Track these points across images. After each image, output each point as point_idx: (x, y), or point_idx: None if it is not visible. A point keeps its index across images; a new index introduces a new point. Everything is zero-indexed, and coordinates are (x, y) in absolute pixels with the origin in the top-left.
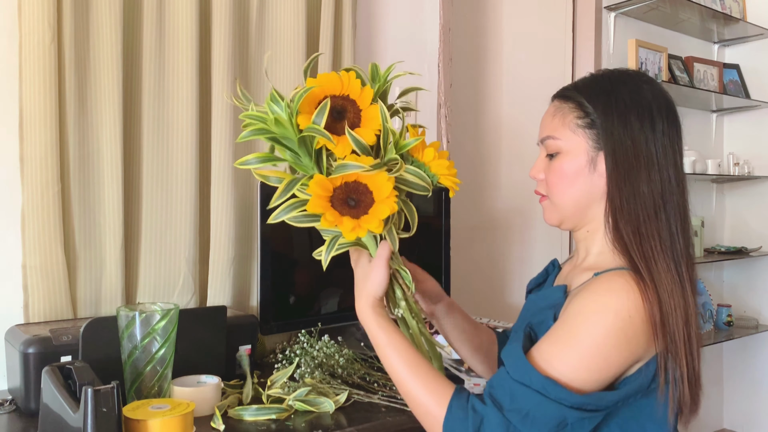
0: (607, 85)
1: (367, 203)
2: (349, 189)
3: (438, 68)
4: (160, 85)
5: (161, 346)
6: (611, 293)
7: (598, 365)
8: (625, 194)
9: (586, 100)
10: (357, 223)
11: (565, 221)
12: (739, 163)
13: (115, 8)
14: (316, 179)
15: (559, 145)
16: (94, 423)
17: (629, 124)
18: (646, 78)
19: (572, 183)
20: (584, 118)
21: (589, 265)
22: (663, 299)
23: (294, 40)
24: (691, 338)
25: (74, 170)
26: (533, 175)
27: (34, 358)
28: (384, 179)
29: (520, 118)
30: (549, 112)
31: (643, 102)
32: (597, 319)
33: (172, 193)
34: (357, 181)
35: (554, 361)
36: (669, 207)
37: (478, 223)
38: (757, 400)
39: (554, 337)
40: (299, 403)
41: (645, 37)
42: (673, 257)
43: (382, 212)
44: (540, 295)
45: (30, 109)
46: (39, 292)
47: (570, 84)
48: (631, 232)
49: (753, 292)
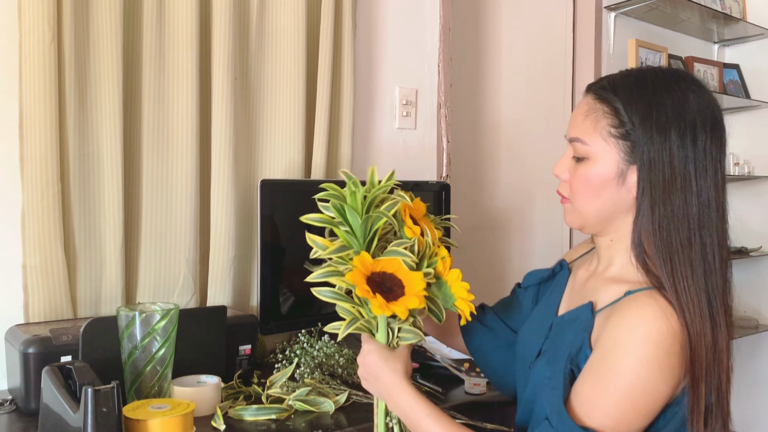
0: (649, 92)
1: (398, 293)
2: (385, 278)
3: (438, 68)
4: (160, 85)
5: (161, 346)
6: (647, 320)
7: (645, 400)
8: (656, 218)
9: (624, 107)
10: (385, 304)
11: (586, 227)
12: (739, 163)
13: (115, 8)
14: (362, 255)
15: (588, 151)
16: (94, 423)
17: (668, 140)
18: (693, 84)
19: (597, 193)
20: (619, 127)
21: (613, 276)
22: (691, 331)
23: (294, 40)
24: (719, 376)
25: (74, 170)
26: (557, 174)
27: (34, 358)
28: (417, 277)
29: (520, 118)
30: (581, 110)
31: (687, 115)
32: (638, 352)
33: (172, 193)
34: (394, 274)
35: (598, 403)
36: (705, 233)
37: (478, 223)
38: (758, 399)
39: (595, 374)
40: (299, 403)
41: (645, 37)
42: (706, 289)
43: (411, 303)
44: (567, 318)
45: (30, 109)
46: (39, 292)
47: (609, 79)
48: (662, 260)
49: (753, 292)
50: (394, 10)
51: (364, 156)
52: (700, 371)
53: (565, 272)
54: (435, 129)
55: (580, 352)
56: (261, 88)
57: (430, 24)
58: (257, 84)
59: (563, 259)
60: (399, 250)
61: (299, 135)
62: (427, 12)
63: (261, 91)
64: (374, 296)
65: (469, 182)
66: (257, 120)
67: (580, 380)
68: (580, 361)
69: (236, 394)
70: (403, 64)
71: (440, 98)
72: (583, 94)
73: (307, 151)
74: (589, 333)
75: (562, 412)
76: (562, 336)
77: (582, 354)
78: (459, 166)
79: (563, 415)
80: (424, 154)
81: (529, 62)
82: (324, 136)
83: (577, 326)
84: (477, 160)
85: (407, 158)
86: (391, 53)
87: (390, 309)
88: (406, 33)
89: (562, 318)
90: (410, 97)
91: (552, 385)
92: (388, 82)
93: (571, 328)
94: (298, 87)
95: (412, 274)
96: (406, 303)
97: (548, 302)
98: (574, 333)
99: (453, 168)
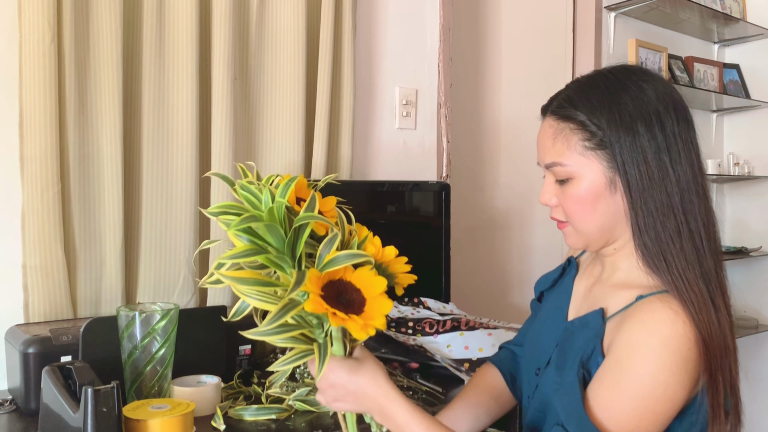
0: (606, 95)
1: (359, 301)
2: (337, 289)
3: (438, 68)
4: (160, 85)
5: (161, 346)
6: (664, 325)
7: (664, 406)
8: (643, 216)
9: (588, 117)
10: (364, 321)
11: (591, 245)
12: (739, 163)
13: (115, 8)
14: (311, 275)
15: (570, 171)
16: (94, 423)
17: (637, 136)
18: (644, 74)
19: (593, 208)
20: (591, 139)
21: (620, 281)
22: (701, 326)
23: (294, 40)
24: (729, 364)
25: (74, 170)
26: (545, 202)
27: (34, 358)
28: (368, 275)
29: (520, 118)
30: (547, 134)
31: (648, 106)
32: (655, 356)
33: (172, 193)
34: (341, 279)
35: (616, 409)
36: (691, 219)
37: (478, 223)
38: (758, 399)
39: (611, 379)
40: (299, 403)
41: (645, 37)
42: (702, 276)
43: (383, 307)
44: (577, 323)
45: (30, 109)
46: (39, 292)
47: (561, 95)
48: (656, 257)
49: (753, 292)
50: (394, 10)
51: (364, 156)
52: (716, 363)
53: (572, 270)
54: (435, 129)
55: (591, 359)
56: (261, 88)
57: (430, 24)
58: (257, 84)
59: (571, 255)
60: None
61: (299, 135)
62: (427, 12)
63: (261, 90)
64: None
65: (469, 182)
66: (257, 120)
67: (594, 385)
68: (591, 367)
69: (236, 394)
70: (403, 64)
71: (440, 98)
72: (540, 119)
73: (307, 151)
74: (601, 339)
75: (583, 417)
76: (571, 342)
77: (593, 360)
78: (459, 166)
79: (584, 421)
80: (424, 154)
81: (529, 62)
82: (324, 136)
83: (588, 332)
84: (477, 160)
85: (407, 158)
86: (391, 53)
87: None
88: (406, 33)
89: (571, 324)
90: (410, 97)
91: (564, 390)
92: (388, 82)
93: (581, 335)
94: (298, 87)
95: (360, 272)
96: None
97: (556, 306)
98: (585, 339)
99: (453, 168)
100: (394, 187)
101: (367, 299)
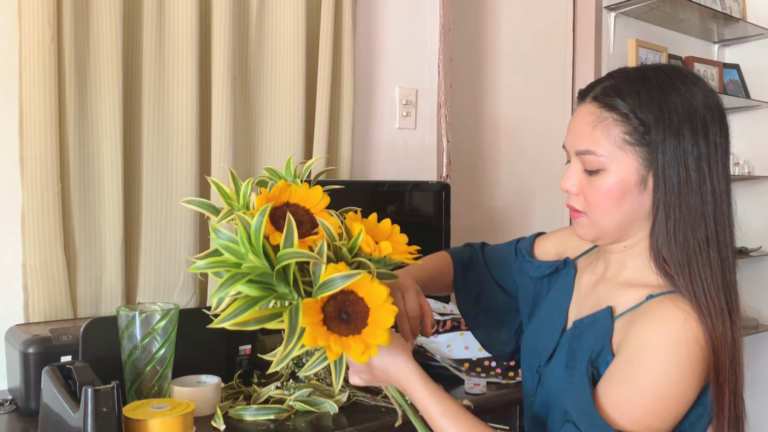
0: (658, 93)
1: (363, 312)
2: (338, 303)
3: (438, 68)
4: (160, 85)
5: (161, 346)
6: (675, 324)
7: (676, 405)
8: (674, 221)
9: (635, 111)
10: (364, 343)
11: (602, 239)
12: (739, 163)
13: (115, 8)
14: (306, 306)
15: (603, 162)
16: (94, 423)
17: (683, 140)
18: (695, 79)
19: (618, 204)
20: (633, 134)
21: (627, 280)
22: (714, 335)
23: (294, 40)
24: (737, 377)
25: (74, 170)
26: (566, 189)
27: (34, 358)
28: (369, 283)
29: (520, 118)
30: (585, 120)
31: (697, 112)
32: (668, 355)
33: (172, 193)
34: (342, 291)
35: (629, 408)
36: (720, 229)
37: (478, 223)
38: (757, 399)
39: (623, 377)
40: (299, 403)
41: (645, 37)
42: (723, 287)
43: (385, 320)
44: (586, 322)
45: (30, 109)
46: (39, 292)
47: (610, 84)
48: (679, 264)
49: (753, 292)
50: (394, 10)
51: (364, 156)
52: (725, 374)
53: (570, 270)
54: (435, 129)
55: (600, 356)
56: (260, 88)
57: (430, 24)
58: (257, 84)
59: (567, 257)
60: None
61: (299, 135)
62: (427, 12)
63: (260, 91)
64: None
65: (469, 182)
66: (257, 120)
67: (605, 383)
68: (600, 365)
69: (236, 394)
70: (403, 64)
71: (440, 98)
72: (577, 103)
73: (307, 151)
74: (610, 337)
75: (595, 415)
76: (580, 340)
77: (602, 358)
78: (459, 166)
79: (595, 418)
80: (424, 154)
81: (529, 62)
82: (324, 136)
83: (597, 330)
84: (477, 160)
85: (407, 158)
86: (391, 53)
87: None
88: (406, 33)
89: (581, 322)
90: (410, 97)
91: (575, 389)
92: (388, 82)
93: (590, 333)
94: (298, 87)
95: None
96: (380, 324)
97: (556, 303)
98: (594, 337)
99: (453, 168)
100: (394, 187)
101: (371, 308)
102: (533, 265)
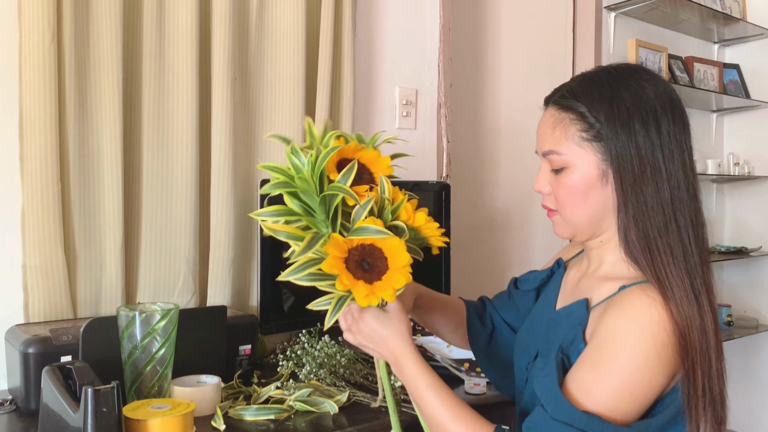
0: (607, 90)
1: (381, 269)
2: (365, 252)
3: (438, 68)
4: (160, 85)
5: (161, 346)
6: (645, 311)
7: (643, 390)
8: (632, 210)
9: (588, 109)
10: (371, 290)
11: (578, 235)
12: (739, 163)
13: (115, 8)
14: (334, 240)
15: (566, 160)
16: (94, 423)
17: (633, 131)
18: (646, 74)
19: (585, 199)
20: (588, 130)
21: (605, 274)
22: (680, 318)
23: (294, 40)
24: (710, 358)
25: (74, 170)
26: (538, 189)
27: (34, 358)
28: (398, 246)
29: (520, 118)
30: (547, 123)
31: (646, 104)
32: (635, 340)
33: (172, 193)
34: (373, 245)
35: (595, 390)
36: (679, 216)
37: (478, 223)
38: (757, 399)
39: (591, 363)
40: (300, 403)
41: (645, 37)
42: (687, 271)
43: (397, 282)
44: (562, 313)
45: (30, 109)
46: (39, 292)
47: (565, 87)
48: (641, 249)
49: (753, 292)
50: (394, 10)
51: None
52: (695, 356)
53: (561, 270)
54: (435, 129)
55: (572, 345)
56: (260, 88)
57: (430, 24)
58: (257, 84)
59: (560, 257)
60: (369, 228)
61: (299, 135)
62: (427, 12)
63: (261, 91)
64: (356, 285)
65: (469, 182)
66: (257, 120)
67: (575, 369)
68: (571, 354)
69: (236, 394)
70: (403, 64)
71: (440, 98)
72: (542, 109)
73: None
74: (583, 327)
75: (558, 395)
76: (555, 330)
77: (574, 347)
78: (459, 166)
79: (560, 399)
80: (424, 154)
81: (529, 62)
82: None
83: (571, 321)
84: (477, 160)
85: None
86: (391, 53)
87: (377, 295)
88: (406, 33)
89: (556, 313)
90: (410, 97)
91: (544, 373)
92: (388, 82)
93: (564, 323)
94: (298, 87)
95: (391, 239)
96: (392, 283)
97: (544, 303)
98: (568, 327)
99: (453, 168)
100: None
101: (390, 268)
102: (530, 277)
